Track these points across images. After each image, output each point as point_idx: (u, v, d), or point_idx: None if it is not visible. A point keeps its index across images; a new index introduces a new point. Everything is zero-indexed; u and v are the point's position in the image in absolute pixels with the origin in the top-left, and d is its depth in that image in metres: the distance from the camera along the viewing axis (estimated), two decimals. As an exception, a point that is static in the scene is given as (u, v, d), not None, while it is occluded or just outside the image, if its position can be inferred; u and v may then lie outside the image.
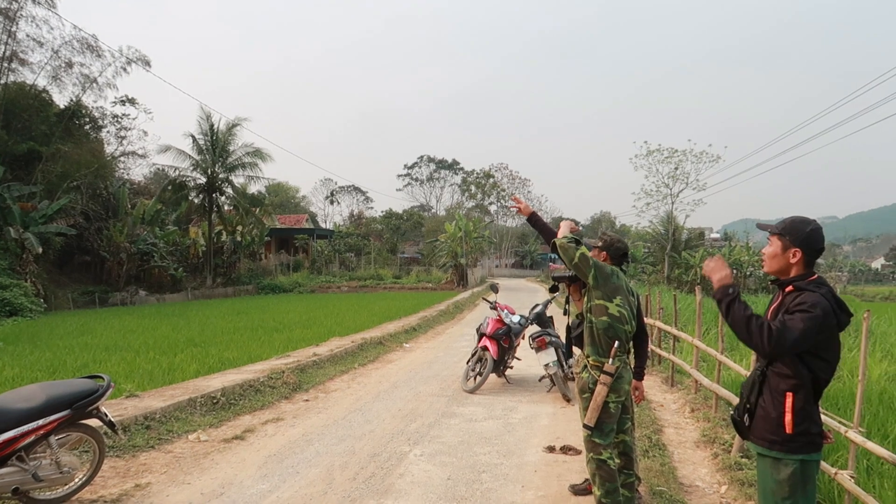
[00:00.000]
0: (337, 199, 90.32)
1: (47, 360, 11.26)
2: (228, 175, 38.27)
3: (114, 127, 36.51)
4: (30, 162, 29.78)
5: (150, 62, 32.32)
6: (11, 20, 28.52)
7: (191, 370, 9.83)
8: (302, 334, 14.88)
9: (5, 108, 28.49)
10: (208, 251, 38.13)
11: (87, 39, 30.64)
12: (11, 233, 25.02)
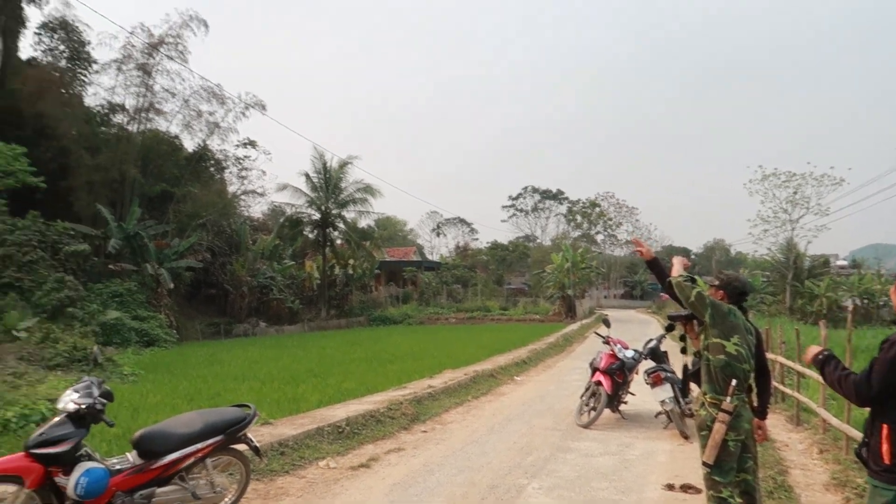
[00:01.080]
0: (443, 231, 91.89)
1: (184, 388, 12.18)
2: (340, 211, 40.00)
3: (236, 168, 39.15)
4: (163, 202, 32.44)
5: (265, 106, 34.56)
6: (149, 74, 31.46)
7: (314, 400, 10.34)
8: (414, 366, 15.27)
9: (143, 154, 31.30)
10: (322, 284, 39.85)
11: (213, 88, 33.22)
12: (148, 269, 27.22)
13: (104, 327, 20.81)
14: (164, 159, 32.91)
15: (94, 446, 4.86)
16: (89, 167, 28.55)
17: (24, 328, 17.44)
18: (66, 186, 28.04)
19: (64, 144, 28.33)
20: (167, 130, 33.58)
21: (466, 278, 53.05)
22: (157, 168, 32.27)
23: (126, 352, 19.45)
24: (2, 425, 8.33)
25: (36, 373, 13.17)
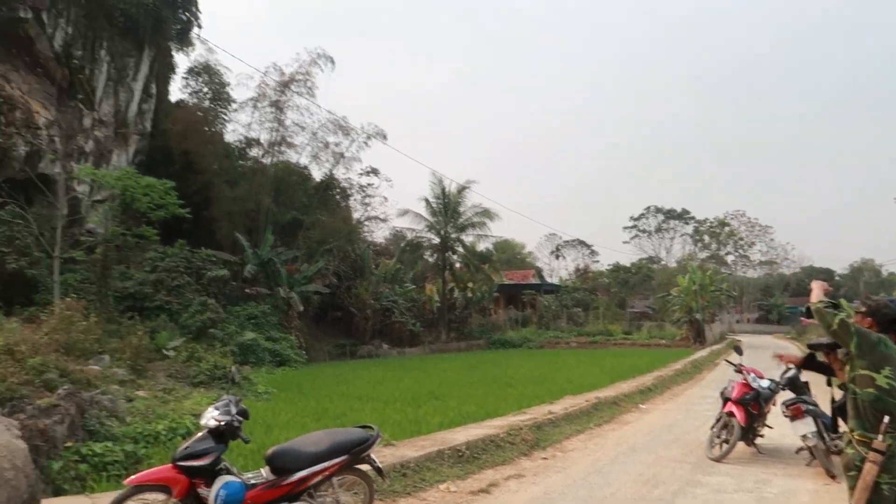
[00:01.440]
0: (562, 253, 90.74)
1: (312, 407, 12.71)
2: (459, 234, 40.59)
3: (359, 195, 40.83)
4: (294, 230, 34.32)
5: (386, 136, 35.94)
6: (281, 110, 33.65)
7: (434, 422, 10.46)
8: (534, 391, 15.09)
9: (276, 185, 33.38)
10: (442, 307, 40.47)
11: (339, 121, 34.95)
12: (280, 293, 28.79)
13: (241, 347, 22.15)
14: (295, 189, 34.92)
15: (231, 460, 5.18)
16: (229, 198, 30.84)
17: (172, 347, 18.96)
18: (209, 216, 30.41)
19: (207, 178, 30.82)
20: (297, 162, 35.75)
21: (587, 301, 51.94)
22: (288, 197, 34.26)
23: (260, 371, 20.60)
24: (153, 437, 9.07)
25: (182, 389, 14.24)
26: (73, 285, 20.16)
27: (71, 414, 8.56)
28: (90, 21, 26.44)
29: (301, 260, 32.87)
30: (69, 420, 8.45)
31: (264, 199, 31.70)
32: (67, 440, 8.12)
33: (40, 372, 10.63)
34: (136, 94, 29.62)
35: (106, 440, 8.51)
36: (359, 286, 35.59)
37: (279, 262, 29.90)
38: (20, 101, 23.84)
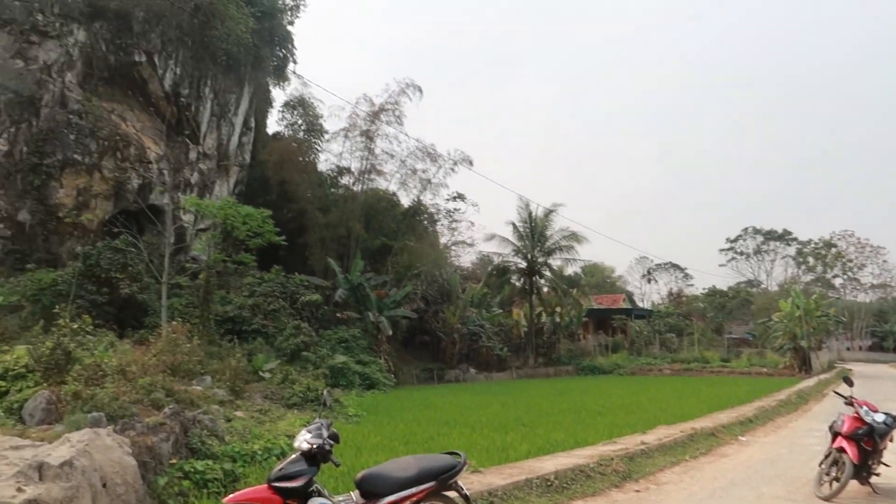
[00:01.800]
0: (654, 277, 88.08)
1: (401, 430, 12.84)
2: (546, 258, 40.22)
3: (446, 220, 41.29)
4: (383, 255, 35.05)
5: (472, 161, 36.26)
6: (371, 139, 34.68)
7: (522, 450, 10.33)
8: (626, 419, 14.65)
9: (365, 211, 34.28)
10: (529, 332, 40.08)
11: (427, 149, 35.60)
12: (370, 317, 29.37)
13: (332, 370, 22.69)
14: (384, 215, 35.75)
15: (322, 483, 5.31)
16: (321, 225, 31.97)
17: (268, 369, 19.70)
18: (303, 243, 31.59)
19: (301, 206, 32.09)
20: (386, 188, 36.62)
21: (681, 327, 50.07)
22: (377, 223, 35.10)
23: (350, 394, 21.01)
24: (250, 456, 9.42)
25: (277, 410, 14.74)
26: (178, 309, 21.36)
27: (175, 432, 9.02)
28: (196, 61, 28.27)
29: (390, 285, 33.48)
30: (174, 438, 8.91)
31: (355, 226, 32.62)
32: (172, 457, 8.55)
33: (149, 391, 11.29)
34: (237, 128, 31.35)
35: (207, 458, 8.91)
36: (446, 311, 35.82)
37: (369, 287, 30.56)
38: (134, 138, 25.72)
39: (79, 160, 23.53)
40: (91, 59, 25.37)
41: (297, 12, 38.71)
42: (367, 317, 29.35)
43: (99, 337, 15.75)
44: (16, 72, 23.08)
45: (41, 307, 18.37)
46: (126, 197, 24.90)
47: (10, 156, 22.41)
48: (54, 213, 22.99)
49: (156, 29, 26.48)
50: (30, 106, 23.06)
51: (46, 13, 24.49)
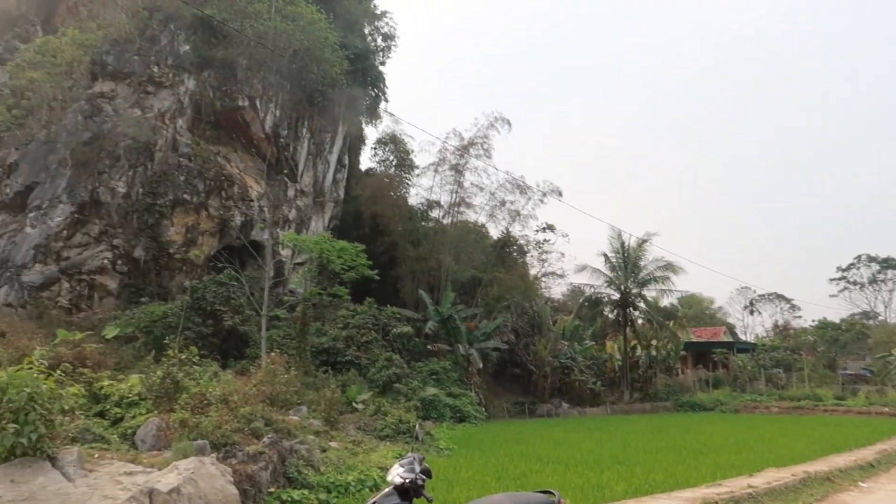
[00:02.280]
0: (757, 308, 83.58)
1: (492, 465, 12.69)
2: (640, 289, 39.09)
3: (536, 251, 40.94)
4: (472, 287, 35.15)
5: (561, 193, 35.94)
6: (460, 173, 35.15)
7: (618, 490, 9.97)
8: (730, 460, 13.86)
9: (455, 244, 34.60)
10: (624, 365, 38.88)
11: (516, 181, 35.67)
12: (460, 349, 29.41)
13: (423, 402, 22.80)
14: (473, 247, 35.95)
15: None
16: (412, 258, 32.55)
17: (361, 401, 20.04)
18: (394, 275, 32.22)
19: (392, 239, 32.83)
20: (475, 221, 36.87)
21: (789, 362, 47.08)
22: (467, 256, 35.33)
23: (441, 426, 21.01)
24: (343, 487, 9.57)
25: (370, 441, 14.94)
26: (277, 340, 22.19)
27: (274, 461, 9.31)
28: (294, 103, 29.74)
29: (480, 317, 33.47)
30: (272, 467, 9.19)
31: (445, 258, 32.98)
32: (270, 486, 8.82)
33: (249, 420, 11.72)
34: (332, 166, 32.59)
35: (303, 488, 9.13)
36: (537, 343, 35.38)
37: (459, 319, 30.66)
38: (238, 178, 27.22)
39: (188, 200, 25.12)
40: (199, 106, 27.20)
41: (388, 53, 40.23)
42: (457, 349, 29.41)
43: (204, 367, 16.57)
44: (134, 120, 25.04)
45: (153, 338, 19.55)
46: (230, 233, 26.29)
47: (127, 197, 24.23)
48: (165, 249, 24.58)
49: (257, 75, 28.10)
50: (145, 151, 24.92)
51: (161, 65, 26.55)
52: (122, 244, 23.85)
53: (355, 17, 35.89)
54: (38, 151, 24.45)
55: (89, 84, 26.53)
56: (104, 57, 26.48)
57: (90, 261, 23.21)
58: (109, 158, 24.18)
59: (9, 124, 26.25)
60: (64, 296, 22.59)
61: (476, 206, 36.30)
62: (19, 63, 27.63)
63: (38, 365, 7.50)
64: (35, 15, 35.47)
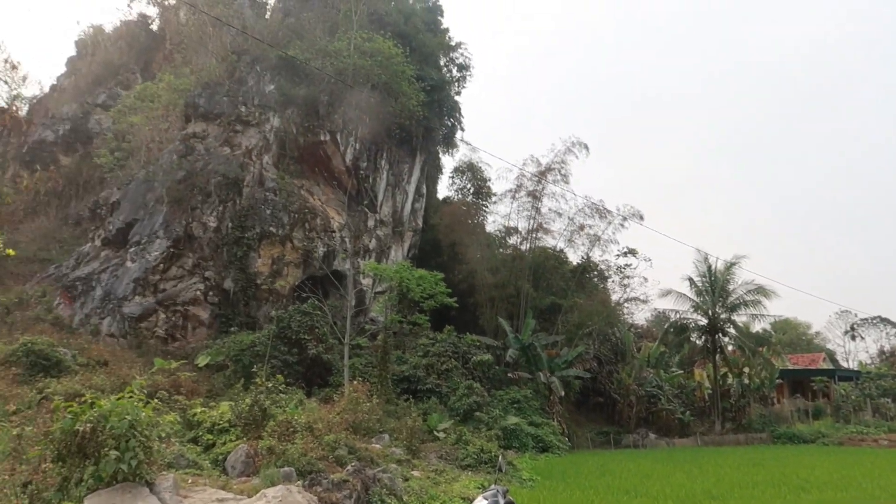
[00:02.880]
0: (859, 333, 78.41)
1: (577, 499, 12.34)
2: (730, 315, 37.43)
3: (617, 276, 39.98)
4: (552, 314, 34.67)
5: (643, 216, 35.07)
6: (537, 199, 34.95)
7: (713, 526, 9.48)
8: (836, 497, 12.96)
9: (533, 270, 34.31)
10: (714, 394, 37.17)
11: (595, 205, 35.14)
12: (541, 377, 28.96)
13: (505, 432, 22.51)
14: (552, 273, 35.54)
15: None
16: (490, 285, 32.47)
17: (442, 429, 20.00)
18: (473, 302, 32.21)
19: (471, 267, 32.90)
20: (554, 246, 36.49)
21: (898, 390, 43.82)
22: (545, 282, 34.96)
23: (524, 456, 20.65)
24: (426, 518, 9.52)
25: (451, 471, 14.85)
26: (359, 368, 22.54)
27: (357, 489, 9.39)
28: (373, 136, 30.57)
29: (561, 344, 32.90)
30: (356, 495, 9.27)
31: (523, 285, 32.74)
32: (354, 515, 8.88)
33: (333, 448, 11.91)
34: (410, 195, 33.17)
35: (386, 517, 9.14)
36: (621, 371, 34.42)
37: (539, 347, 30.24)
38: (320, 210, 28.09)
39: (273, 232, 26.10)
40: (284, 142, 28.37)
41: (463, 83, 40.78)
42: (538, 377, 28.97)
43: (290, 395, 17.01)
44: (224, 157, 26.37)
45: (242, 366, 20.27)
46: (313, 264, 27.09)
47: (218, 231, 25.42)
48: (253, 280, 25.57)
49: (338, 110, 29.10)
50: (234, 186, 26.14)
51: (248, 105, 27.90)
52: (213, 276, 24.97)
53: (431, 49, 36.64)
54: (138, 190, 26.07)
55: (183, 125, 28.19)
56: (196, 99, 28.10)
57: (184, 292, 24.40)
58: (201, 194, 25.49)
59: (112, 166, 28.17)
60: (160, 326, 23.80)
61: (554, 231, 35.98)
62: (121, 108, 29.68)
63: (139, 393, 7.90)
64: (135, 63, 38.18)
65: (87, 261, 25.99)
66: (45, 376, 17.12)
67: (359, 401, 15.91)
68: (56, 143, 34.16)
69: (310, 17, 32.18)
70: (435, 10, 41.76)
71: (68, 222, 30.98)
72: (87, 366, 19.29)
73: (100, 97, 36.29)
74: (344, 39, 30.13)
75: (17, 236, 27.74)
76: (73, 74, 39.61)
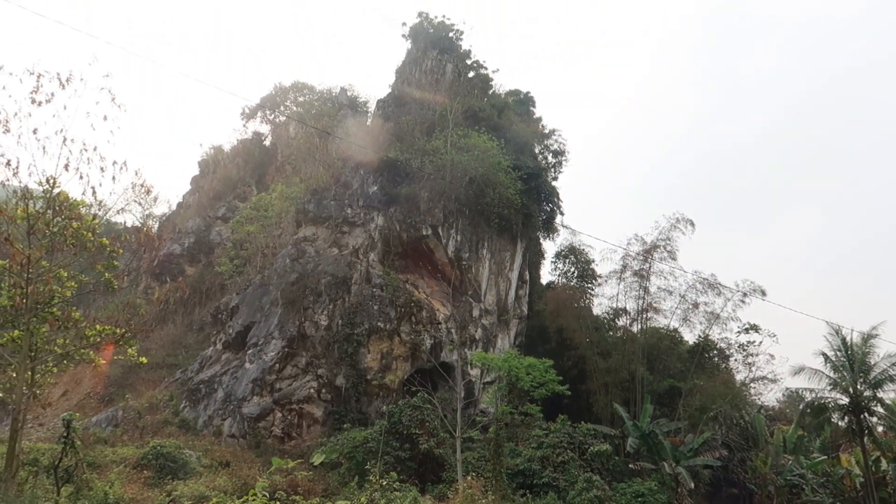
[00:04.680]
0: None
1: None
2: (874, 392, 33.97)
3: (740, 355, 37.46)
4: (672, 398, 32.74)
5: (765, 292, 33.08)
6: (644, 278, 33.87)
7: None
8: None
9: (647, 352, 32.81)
10: (867, 482, 33.25)
11: (708, 280, 33.58)
12: (665, 467, 27.07)
13: (631, 529, 21.01)
14: (667, 354, 33.86)
15: None
16: (602, 370, 31.27)
17: (562, 527, 18.88)
18: (585, 389, 31.05)
19: (580, 352, 31.95)
20: (666, 326, 34.88)
21: None
22: (661, 364, 33.30)
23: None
24: None
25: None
26: (472, 463, 21.96)
27: None
28: (474, 227, 31.10)
29: (684, 430, 30.83)
30: None
31: (638, 368, 31.32)
32: None
33: (450, 550, 11.44)
34: (513, 283, 33.11)
35: None
36: (755, 458, 31.65)
37: (661, 434, 28.45)
38: (426, 303, 28.49)
39: (381, 327, 26.62)
40: (388, 239, 29.36)
41: (559, 168, 41.16)
42: (662, 467, 27.10)
43: (404, 492, 16.72)
44: (332, 258, 27.55)
45: (355, 463, 20.26)
46: (420, 357, 27.24)
47: (329, 329, 26.23)
48: (363, 376, 25.96)
49: (438, 205, 29.95)
50: (343, 285, 27.10)
51: (354, 207, 29.30)
52: (325, 373, 25.57)
53: (525, 139, 37.42)
54: (255, 294, 27.54)
55: (295, 230, 29.89)
56: (306, 205, 29.85)
57: (299, 391, 25.06)
58: (313, 294, 26.56)
59: (231, 273, 30.03)
60: (277, 425, 24.40)
61: (665, 310, 34.48)
62: (238, 219, 31.93)
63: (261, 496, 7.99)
64: (251, 177, 41.33)
65: (209, 364, 27.39)
66: (172, 478, 17.79)
67: (474, 497, 15.40)
68: (182, 255, 37.02)
69: (408, 120, 33.87)
70: (527, 102, 42.96)
71: (193, 328, 32.98)
72: (211, 467, 19.94)
73: (220, 210, 39.32)
74: (441, 138, 31.38)
75: (148, 344, 29.74)
76: (196, 192, 43.33)
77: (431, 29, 40.75)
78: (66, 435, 14.70)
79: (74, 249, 13.07)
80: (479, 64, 40.99)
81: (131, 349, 14.08)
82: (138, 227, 40.75)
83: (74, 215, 12.95)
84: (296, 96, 47.97)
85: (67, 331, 13.46)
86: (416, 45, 40.52)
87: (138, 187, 38.59)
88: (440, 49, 39.77)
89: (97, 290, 15.38)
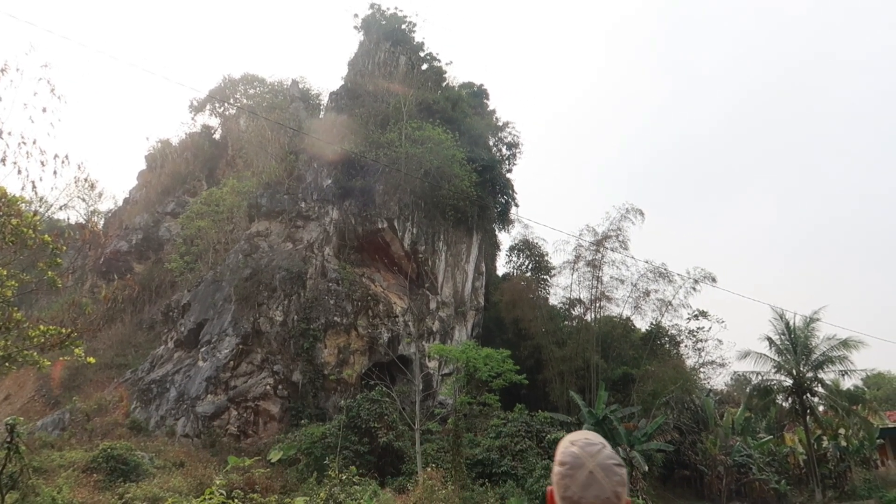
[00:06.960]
0: (963, 384, 72.75)
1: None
2: (816, 373, 35.32)
3: (690, 341, 38.52)
4: (625, 384, 33.44)
5: (715, 278, 34.05)
6: (597, 268, 34.46)
7: None
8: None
9: (601, 340, 33.42)
10: (810, 460, 34.63)
11: (658, 269, 34.37)
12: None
13: (588, 513, 21.37)
14: (620, 342, 34.55)
15: None
16: (558, 359, 31.73)
17: (520, 515, 19.14)
18: (542, 378, 31.45)
19: (536, 342, 32.34)
20: (619, 314, 35.59)
21: None
22: (615, 351, 33.97)
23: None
24: None
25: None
26: (431, 454, 22.02)
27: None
28: (429, 220, 31.08)
29: (638, 416, 31.53)
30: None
31: (592, 356, 31.88)
32: None
33: (412, 541, 11.48)
34: (470, 275, 33.23)
35: None
36: (705, 440, 32.60)
37: (616, 420, 29.03)
38: (382, 296, 28.37)
39: (338, 322, 26.41)
40: (343, 232, 29.12)
41: (514, 160, 41.46)
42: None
43: (363, 486, 16.69)
44: (287, 253, 27.18)
45: (314, 459, 20.11)
46: (378, 350, 27.14)
47: (284, 324, 25.90)
48: (321, 371, 25.72)
49: (394, 198, 29.83)
50: (298, 280, 26.77)
51: (308, 201, 28.95)
52: (281, 370, 25.26)
53: (479, 131, 37.54)
54: (207, 291, 26.99)
55: (247, 225, 29.37)
56: (259, 199, 29.36)
57: (254, 388, 24.70)
58: (267, 290, 26.17)
59: (182, 270, 29.35)
60: (232, 423, 24.02)
61: (618, 299, 35.18)
62: (189, 215, 31.20)
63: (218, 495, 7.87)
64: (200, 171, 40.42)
65: (161, 363, 26.76)
66: (124, 481, 17.34)
67: (434, 489, 15.47)
68: (130, 252, 36.03)
69: (362, 113, 33.60)
70: (481, 94, 43.07)
71: (143, 327, 32.17)
72: (165, 468, 19.49)
73: (169, 206, 38.38)
74: (395, 130, 31.22)
75: (96, 344, 28.89)
76: (143, 187, 42.17)
77: (384, 20, 40.47)
78: (9, 440, 14.14)
79: (14, 247, 12.56)
80: (432, 56, 40.95)
81: (78, 349, 13.62)
82: (83, 224, 39.49)
83: (13, 212, 12.43)
84: (246, 89, 47.12)
85: (9, 332, 12.94)
86: (369, 36, 40.22)
87: (82, 182, 37.29)
88: (393, 41, 39.55)
89: (40, 290, 14.83)
